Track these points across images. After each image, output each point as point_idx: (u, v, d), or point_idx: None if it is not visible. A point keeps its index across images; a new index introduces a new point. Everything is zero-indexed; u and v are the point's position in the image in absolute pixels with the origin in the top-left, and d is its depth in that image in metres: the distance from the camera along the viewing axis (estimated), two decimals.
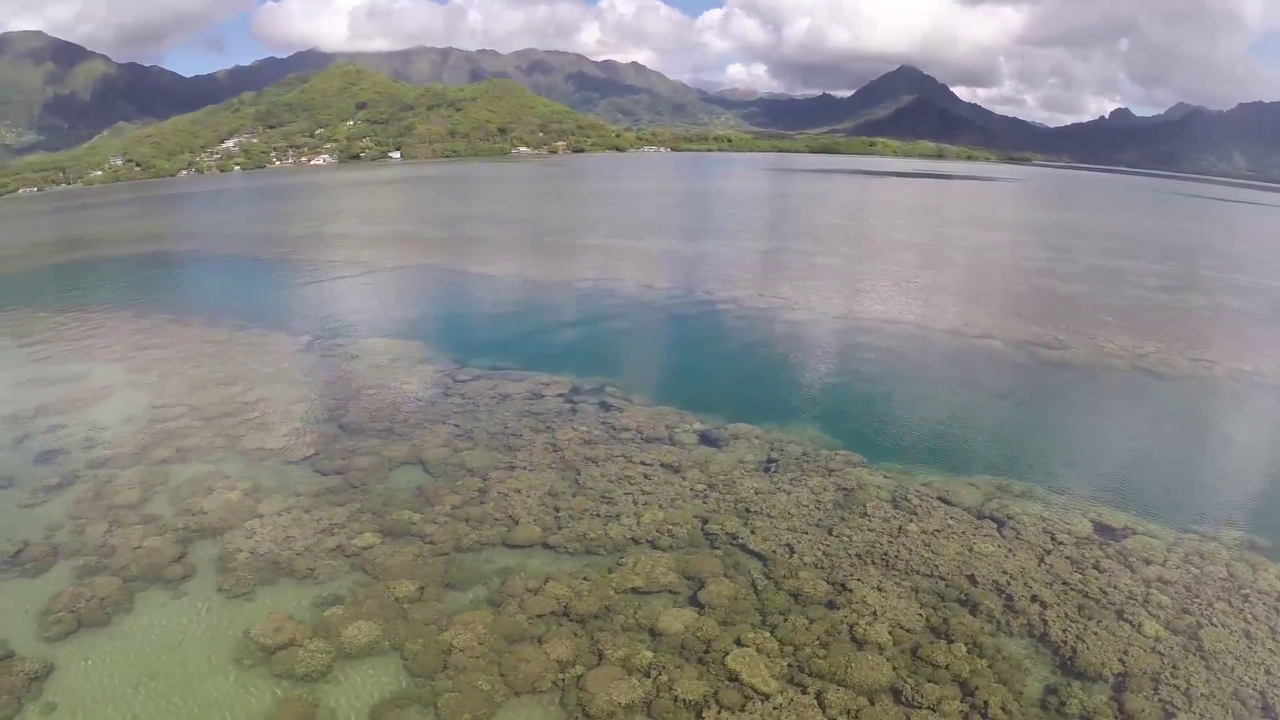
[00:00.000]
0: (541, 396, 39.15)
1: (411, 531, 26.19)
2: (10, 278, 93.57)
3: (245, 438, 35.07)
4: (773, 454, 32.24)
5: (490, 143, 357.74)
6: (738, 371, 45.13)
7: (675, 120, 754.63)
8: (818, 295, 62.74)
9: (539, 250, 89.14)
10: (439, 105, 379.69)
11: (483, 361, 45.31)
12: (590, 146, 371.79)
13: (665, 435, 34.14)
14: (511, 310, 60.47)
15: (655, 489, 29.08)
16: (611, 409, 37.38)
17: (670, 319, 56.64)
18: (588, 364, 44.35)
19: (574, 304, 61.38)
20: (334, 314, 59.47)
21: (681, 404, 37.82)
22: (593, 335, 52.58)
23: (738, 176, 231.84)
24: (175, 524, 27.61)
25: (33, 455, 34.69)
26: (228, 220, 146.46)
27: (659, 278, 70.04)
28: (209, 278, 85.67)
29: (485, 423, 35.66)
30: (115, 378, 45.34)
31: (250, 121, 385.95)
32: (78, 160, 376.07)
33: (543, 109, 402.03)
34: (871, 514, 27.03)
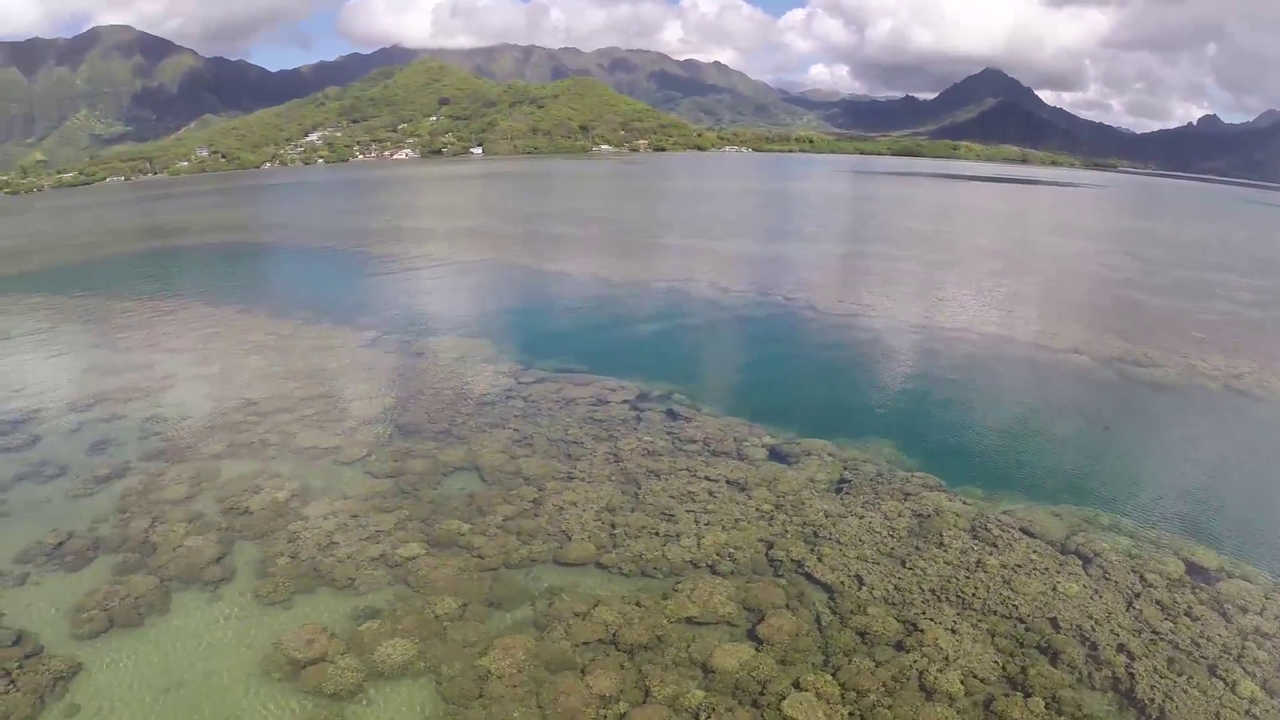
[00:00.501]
0: (606, 402, 38.41)
1: (459, 543, 25.61)
2: (89, 264, 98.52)
3: (299, 435, 35.32)
4: (845, 473, 30.80)
5: (572, 140, 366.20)
6: (813, 382, 43.70)
7: (757, 120, 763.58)
8: (897, 302, 61.03)
9: (615, 249, 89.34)
10: (521, 102, 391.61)
11: (549, 363, 44.92)
12: (672, 145, 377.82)
13: (733, 449, 32.93)
14: (583, 310, 60.26)
15: (719, 508, 27.89)
16: (678, 418, 36.41)
17: (745, 324, 55.64)
18: (657, 369, 43.59)
19: (647, 305, 60.82)
20: (402, 309, 60.24)
21: (752, 415, 36.69)
22: (664, 339, 51.82)
23: (819, 178, 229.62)
24: (219, 523, 27.78)
25: (87, 445, 35.78)
26: (307, 212, 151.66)
27: (735, 280, 69.17)
28: (282, 269, 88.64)
29: (546, 428, 35.05)
30: (178, 368, 46.65)
31: (334, 116, 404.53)
32: (164, 151, 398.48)
33: (624, 107, 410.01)
34: (948, 544, 25.39)
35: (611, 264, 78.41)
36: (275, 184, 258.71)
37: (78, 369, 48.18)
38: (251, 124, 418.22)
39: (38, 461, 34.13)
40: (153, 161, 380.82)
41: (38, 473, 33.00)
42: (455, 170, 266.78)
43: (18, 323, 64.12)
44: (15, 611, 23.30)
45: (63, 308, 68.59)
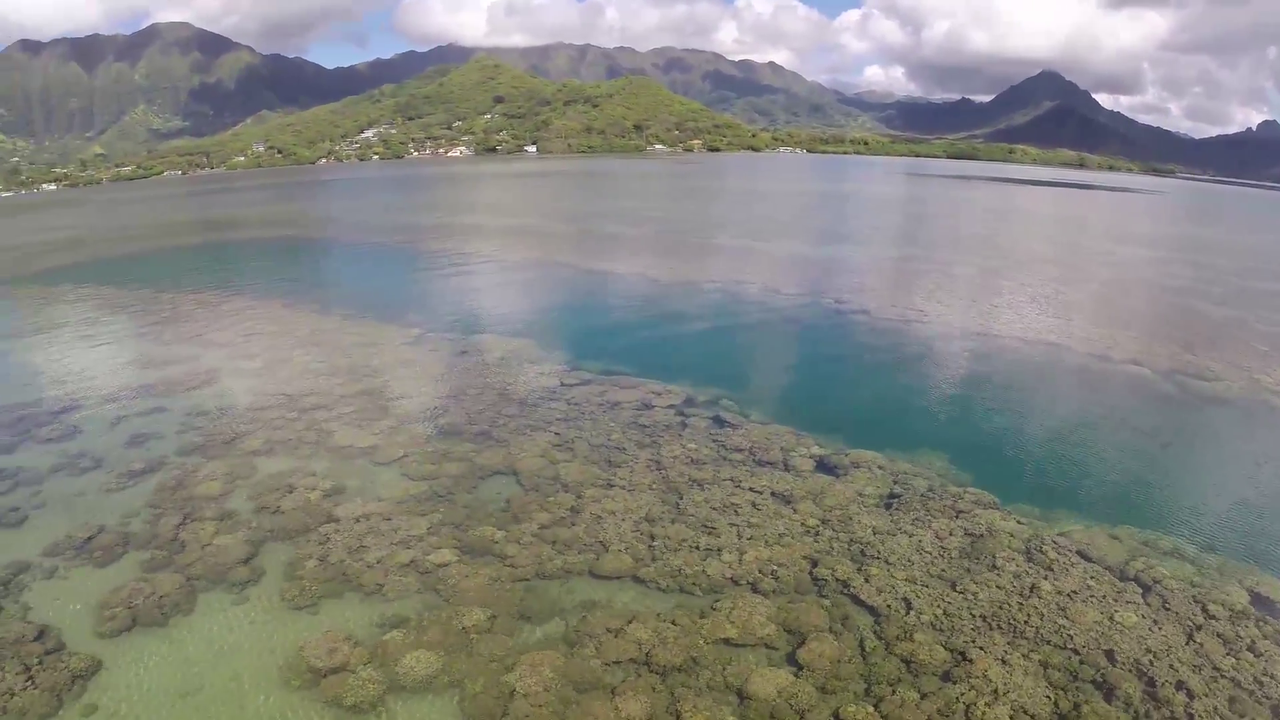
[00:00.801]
0: (651, 407, 37.78)
1: (492, 551, 25.17)
2: (141, 257, 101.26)
3: (337, 434, 35.32)
4: (895, 488, 29.75)
5: (626, 139, 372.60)
6: (864, 390, 42.68)
7: (811, 121, 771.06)
8: (952, 309, 59.58)
9: (666, 249, 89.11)
10: (576, 101, 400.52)
11: (595, 365, 44.50)
12: (726, 146, 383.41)
13: (779, 459, 32.03)
14: (631, 311, 59.82)
15: (763, 521, 27.05)
16: (724, 425, 35.64)
17: (796, 328, 54.77)
18: (705, 373, 42.92)
19: (697, 307, 60.22)
20: (449, 307, 60.44)
21: (800, 424, 35.82)
22: (713, 342, 51.16)
23: (873, 180, 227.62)
24: (250, 522, 27.82)
25: (126, 438, 36.31)
26: (360, 208, 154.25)
27: (787, 282, 68.34)
28: (331, 264, 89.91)
29: (588, 433, 34.54)
30: (220, 363, 47.30)
31: (390, 113, 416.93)
32: (221, 146, 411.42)
33: (679, 107, 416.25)
34: (1001, 567, 24.30)
35: (662, 264, 78.07)
36: (329, 180, 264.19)
37: (122, 361, 49.15)
38: (307, 120, 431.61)
39: (75, 453, 34.70)
40: (209, 156, 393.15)
41: (74, 465, 33.53)
42: (509, 168, 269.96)
43: (67, 313, 65.87)
44: (41, 605, 23.54)
45: (112, 299, 70.28)
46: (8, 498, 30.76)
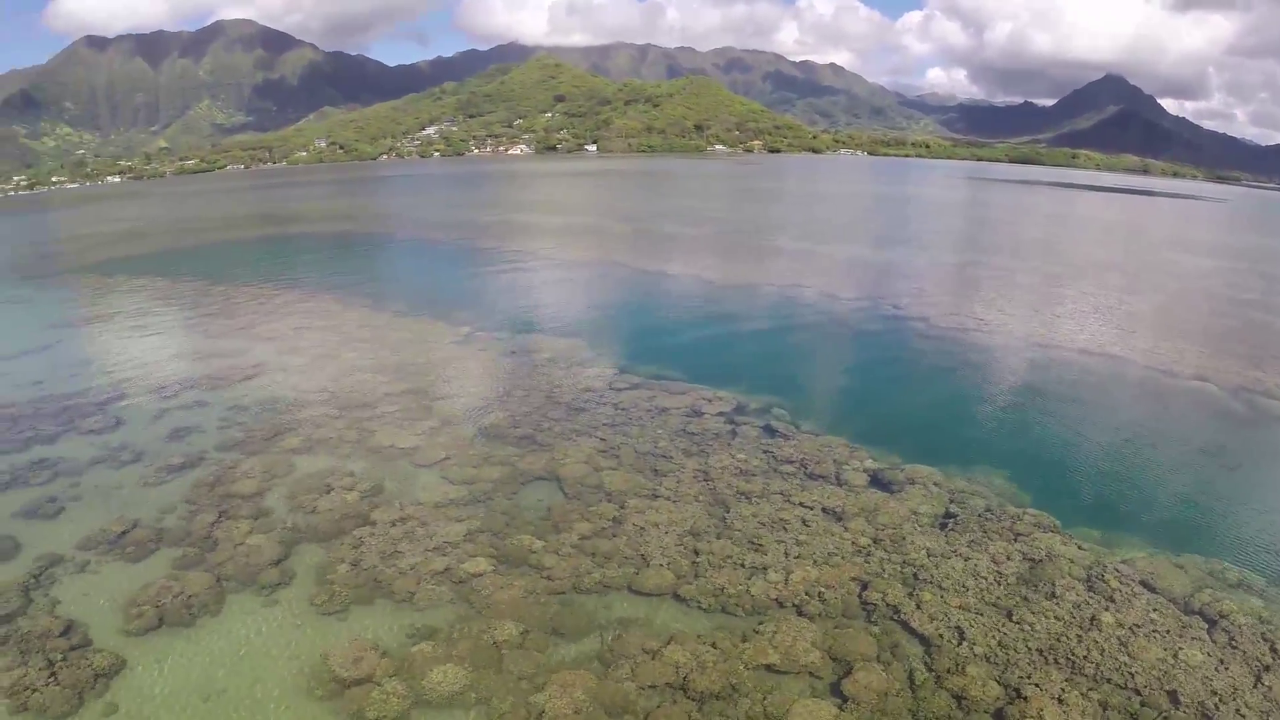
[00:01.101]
0: (701, 414, 37.01)
1: (529, 561, 24.64)
2: (198, 249, 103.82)
3: (378, 433, 35.25)
4: (952, 506, 28.55)
5: (686, 139, 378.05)
6: (921, 402, 41.28)
7: (872, 123, 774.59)
8: (1013, 317, 57.91)
9: (723, 250, 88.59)
10: (636, 100, 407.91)
11: (645, 368, 43.92)
12: (786, 147, 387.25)
13: (831, 472, 31.02)
14: (684, 314, 59.23)
15: (812, 539, 26.09)
16: (776, 435, 34.74)
17: (852, 335, 53.60)
18: (757, 380, 42.09)
19: (751, 311, 59.45)
20: (500, 305, 60.48)
21: (854, 435, 34.79)
22: (767, 348, 50.28)
23: (934, 183, 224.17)
24: (284, 522, 27.77)
25: (167, 431, 36.78)
26: (419, 204, 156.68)
27: (845, 287, 67.20)
28: (385, 260, 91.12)
29: (634, 440, 33.88)
30: (267, 357, 47.88)
31: (451, 110, 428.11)
32: (284, 141, 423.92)
33: (739, 107, 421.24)
34: (1060, 596, 23.01)
35: (718, 265, 77.63)
36: (390, 176, 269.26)
37: (170, 352, 50.09)
38: (369, 117, 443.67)
39: (116, 446, 35.21)
40: (272, 151, 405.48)
41: (114, 457, 34.00)
42: (568, 167, 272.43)
43: (121, 303, 67.54)
44: (70, 600, 23.72)
45: (166, 291, 72.01)
46: (46, 488, 31.26)
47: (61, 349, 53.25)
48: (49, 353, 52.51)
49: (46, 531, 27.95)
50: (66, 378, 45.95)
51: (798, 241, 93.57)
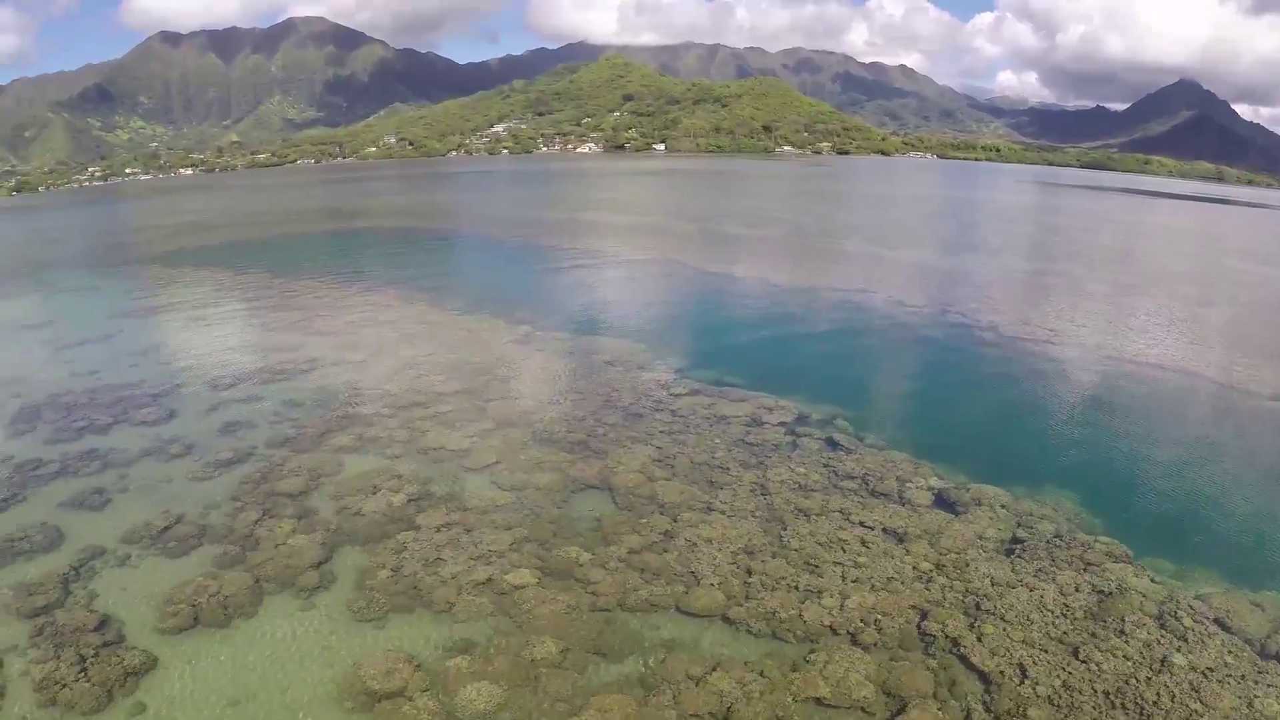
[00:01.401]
0: (761, 424, 36.00)
1: (575, 575, 23.97)
2: (264, 242, 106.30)
3: (429, 434, 35.06)
4: (1019, 531, 27.06)
5: (754, 140, 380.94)
6: (989, 416, 39.65)
7: (942, 126, 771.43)
8: (1085, 329, 55.48)
9: (788, 253, 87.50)
10: (705, 100, 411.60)
11: (705, 374, 43.12)
12: (855, 149, 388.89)
13: (894, 490, 29.75)
14: (747, 318, 58.27)
15: (871, 562, 24.91)
16: (838, 448, 33.60)
17: (919, 344, 52.04)
18: (820, 389, 40.89)
19: (816, 317, 58.33)
20: (560, 305, 60.25)
21: (919, 450, 33.45)
22: (831, 356, 49.04)
23: (1004, 188, 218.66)
24: (328, 523, 27.64)
25: (219, 425, 37.18)
26: (485, 201, 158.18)
27: (912, 294, 65.42)
28: (449, 256, 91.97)
29: (691, 449, 33.03)
30: (324, 352, 48.33)
31: (520, 108, 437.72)
32: (354, 136, 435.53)
33: (808, 108, 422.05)
34: (1130, 633, 21.51)
35: (784, 268, 76.59)
36: (458, 172, 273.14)
37: (227, 345, 50.82)
38: (439, 113, 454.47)
39: (167, 438, 35.67)
40: (342, 146, 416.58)
41: (164, 450, 34.40)
42: (636, 166, 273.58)
43: (182, 295, 69.08)
44: (108, 594, 23.85)
45: (228, 283, 73.44)
46: (95, 479, 31.75)
47: (122, 338, 54.52)
48: (110, 342, 53.81)
49: (91, 523, 28.31)
50: (125, 367, 46.97)
51: (865, 245, 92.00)
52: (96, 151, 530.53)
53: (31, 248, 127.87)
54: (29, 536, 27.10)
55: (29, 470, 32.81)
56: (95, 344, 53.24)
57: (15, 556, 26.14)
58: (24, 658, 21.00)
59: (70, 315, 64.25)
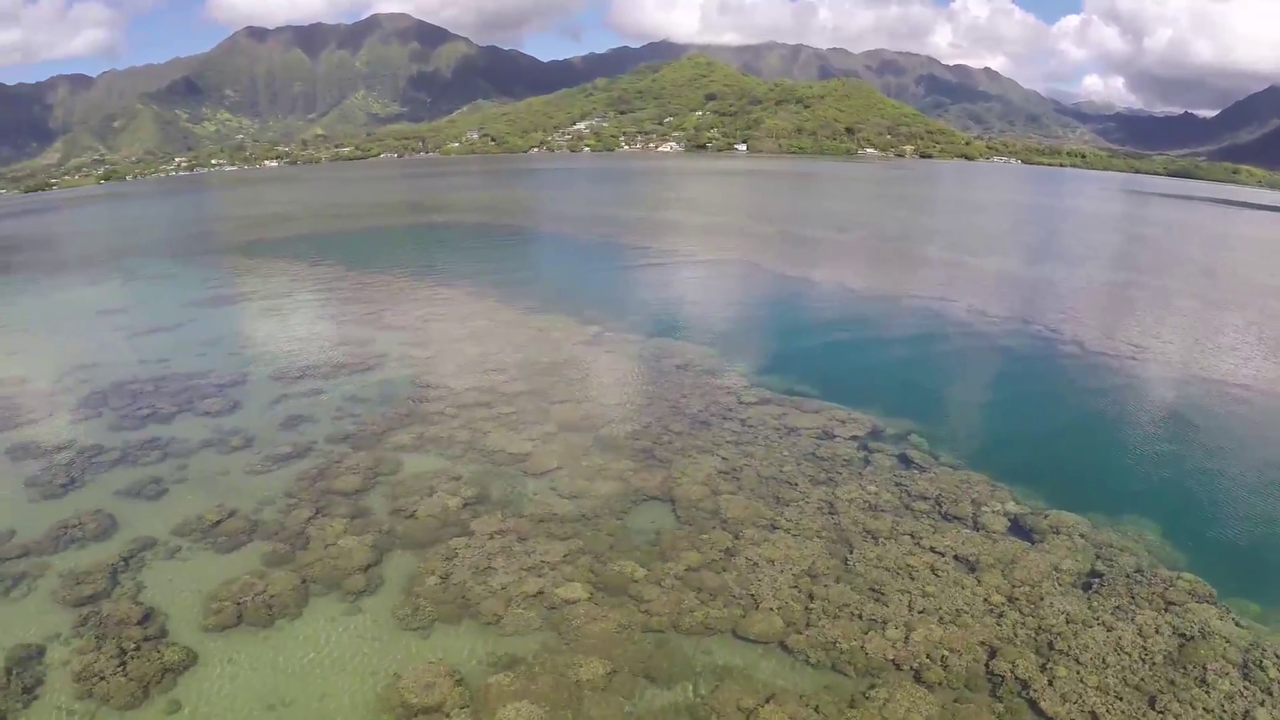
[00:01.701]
0: (833, 436, 34.74)
1: (629, 591, 23.17)
2: (341, 234, 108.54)
3: (491, 435, 34.72)
4: (1098, 563, 25.24)
5: (836, 142, 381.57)
6: (1070, 437, 37.35)
7: (1027, 131, 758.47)
8: (1172, 346, 52.27)
9: (867, 258, 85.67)
10: (787, 101, 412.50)
11: (777, 382, 41.97)
12: (938, 153, 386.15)
13: (968, 514, 28.15)
14: (823, 324, 56.78)
15: (940, 591, 23.49)
16: (911, 466, 32.16)
17: (999, 357, 49.85)
18: (895, 401, 39.44)
19: (894, 326, 56.60)
20: (632, 305, 59.58)
21: (996, 471, 31.73)
22: (908, 366, 47.43)
23: (1089, 195, 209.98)
24: (380, 524, 27.42)
25: (281, 419, 37.55)
26: (564, 198, 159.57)
27: (993, 303, 62.90)
28: (523, 253, 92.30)
29: (759, 462, 31.97)
30: (391, 347, 48.74)
31: (602, 106, 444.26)
32: (437, 132, 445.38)
33: (891, 111, 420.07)
34: (1211, 684, 19.83)
35: (862, 274, 74.83)
36: (539, 169, 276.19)
37: (296, 338, 51.54)
38: (521, 110, 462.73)
39: (229, 430, 36.10)
40: (425, 141, 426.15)
41: (224, 442, 34.77)
42: (717, 165, 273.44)
43: (257, 285, 70.54)
44: (155, 587, 24.00)
45: (303, 275, 74.88)
46: (154, 469, 32.25)
47: (195, 327, 55.79)
48: (183, 330, 55.12)
49: (146, 513, 28.65)
50: (194, 356, 47.95)
51: (946, 251, 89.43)
52: (184, 142, 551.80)
53: (115, 235, 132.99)
54: (83, 524, 27.54)
55: (90, 456, 33.51)
56: (168, 332, 54.53)
57: (68, 543, 26.60)
58: (66, 647, 21.23)
59: (147, 302, 66.22)
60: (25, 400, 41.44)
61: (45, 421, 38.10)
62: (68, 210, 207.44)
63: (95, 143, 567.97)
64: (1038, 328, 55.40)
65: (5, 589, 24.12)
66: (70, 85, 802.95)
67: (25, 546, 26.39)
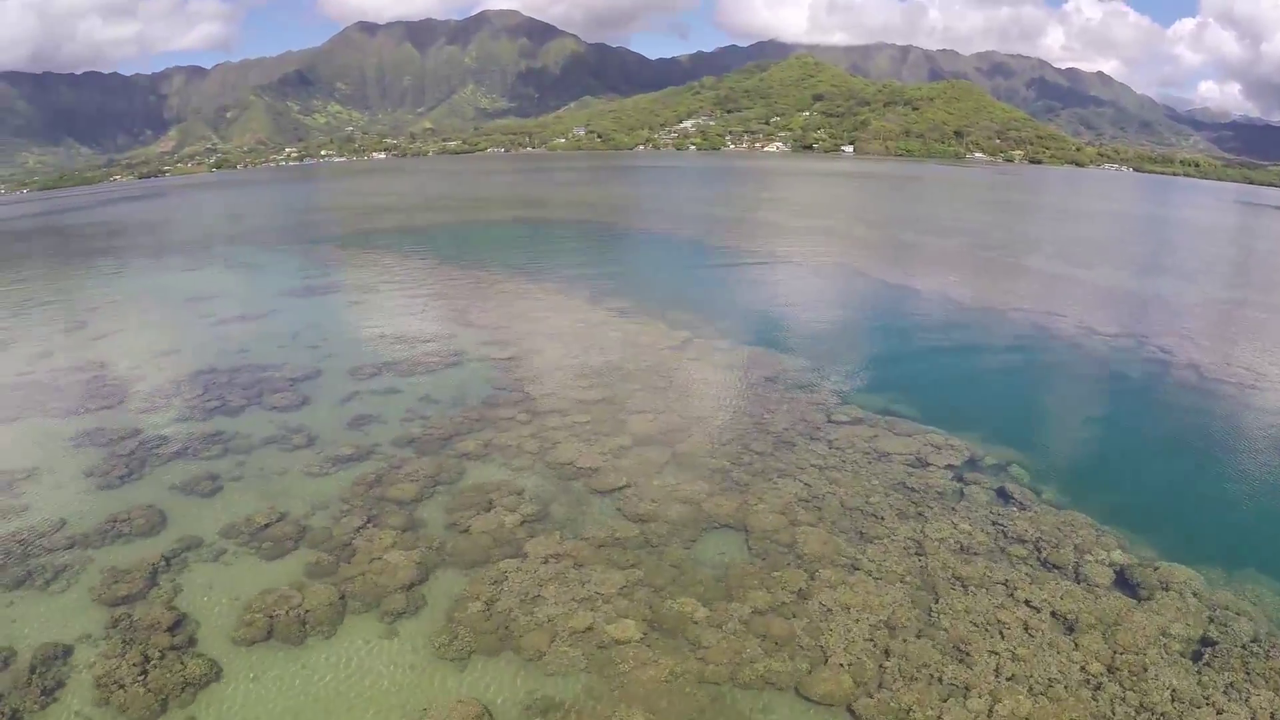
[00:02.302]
0: (926, 464, 32.07)
1: (687, 634, 21.26)
2: (439, 228, 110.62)
3: (560, 446, 33.36)
4: (1211, 629, 21.95)
5: (945, 145, 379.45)
6: (1185, 476, 33.49)
7: (1139, 137, 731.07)
8: None
9: (973, 267, 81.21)
10: (895, 102, 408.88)
11: (871, 399, 39.48)
12: (1048, 158, 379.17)
13: (1070, 562, 25.10)
14: (923, 338, 53.60)
15: (1032, 655, 20.67)
16: (1009, 502, 29.22)
17: (1109, 381, 45.90)
18: (996, 426, 36.51)
19: (998, 342, 53.19)
20: (724, 310, 57.53)
21: (1102, 512, 28.46)
22: (1011, 388, 44.46)
23: (1204, 206, 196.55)
24: (431, 539, 26.27)
25: (348, 418, 37.13)
26: (666, 196, 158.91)
27: (1103, 320, 58.33)
28: (617, 251, 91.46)
29: (844, 490, 29.64)
30: (471, 346, 48.25)
31: (708, 105, 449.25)
32: (543, 127, 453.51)
33: (1001, 114, 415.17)
34: None
35: (966, 284, 70.84)
36: (643, 166, 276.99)
37: (376, 333, 51.41)
38: (628, 108, 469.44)
39: (294, 427, 35.77)
40: (531, 136, 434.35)
41: (287, 439, 34.41)
42: (823, 166, 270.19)
43: (347, 277, 71.37)
44: (191, 591, 23.45)
45: (391, 268, 75.32)
46: (213, 464, 32.01)
47: (276, 318, 56.41)
48: (266, 320, 55.81)
49: (197, 511, 28.27)
50: (273, 348, 48.27)
51: (1055, 263, 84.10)
52: (294, 133, 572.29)
53: (214, 221, 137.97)
54: (132, 519, 27.29)
55: (151, 448, 33.50)
56: (251, 321, 55.29)
57: (114, 539, 26.35)
58: (93, 649, 20.79)
59: (234, 290, 67.55)
60: (100, 387, 42.08)
61: (115, 409, 38.54)
62: (175, 196, 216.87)
63: (208, 132, 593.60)
64: (1151, 350, 51.27)
65: (45, 582, 23.91)
66: (185, 76, 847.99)
67: (73, 538, 26.29)
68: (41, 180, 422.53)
